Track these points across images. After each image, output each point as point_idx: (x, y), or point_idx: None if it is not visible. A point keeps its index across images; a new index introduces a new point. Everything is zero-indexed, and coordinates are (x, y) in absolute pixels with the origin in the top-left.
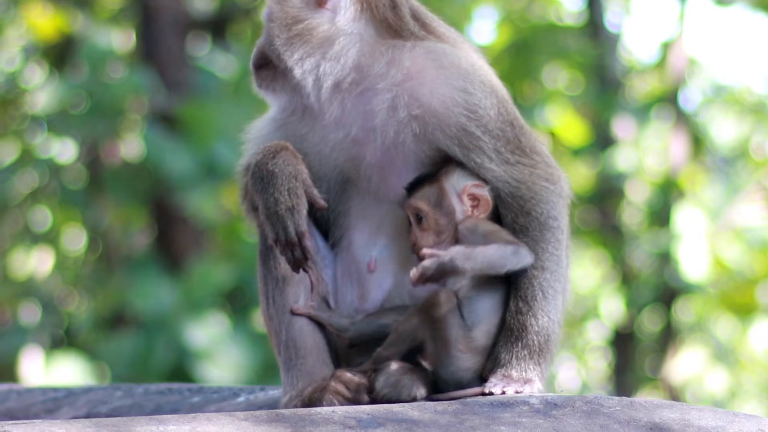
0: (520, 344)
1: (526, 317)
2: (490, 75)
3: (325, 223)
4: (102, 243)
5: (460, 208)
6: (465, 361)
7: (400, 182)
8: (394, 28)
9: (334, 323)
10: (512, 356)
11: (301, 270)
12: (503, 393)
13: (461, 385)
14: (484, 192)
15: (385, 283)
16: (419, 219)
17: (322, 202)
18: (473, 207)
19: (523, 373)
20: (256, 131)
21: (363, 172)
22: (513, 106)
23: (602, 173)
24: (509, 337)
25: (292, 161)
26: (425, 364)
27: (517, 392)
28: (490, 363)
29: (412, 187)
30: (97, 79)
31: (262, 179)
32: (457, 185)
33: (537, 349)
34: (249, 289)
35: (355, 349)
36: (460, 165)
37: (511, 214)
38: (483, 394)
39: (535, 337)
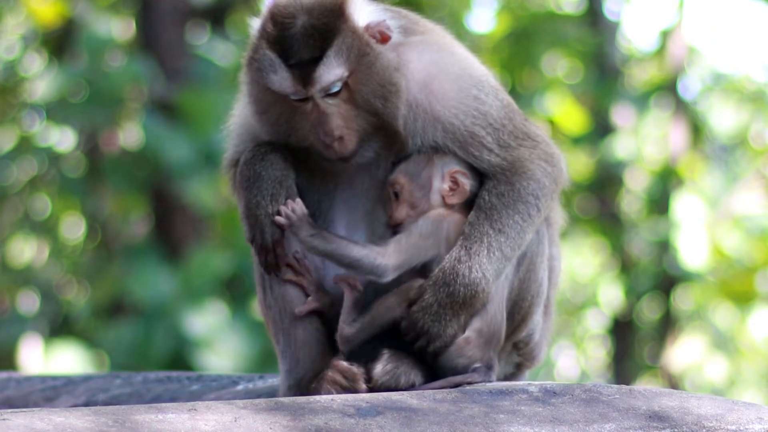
0: (446, 291)
1: (463, 266)
2: (488, 72)
3: (311, 214)
4: (101, 231)
5: (439, 185)
6: (460, 348)
7: (389, 175)
8: (408, 30)
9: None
10: (435, 301)
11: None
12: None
13: (458, 371)
14: (467, 182)
15: None
16: (396, 194)
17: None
18: (451, 189)
19: (439, 325)
20: (240, 122)
21: (358, 172)
22: (510, 97)
23: (601, 161)
24: (438, 279)
25: (281, 165)
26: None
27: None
28: (417, 301)
29: (400, 161)
30: (96, 67)
31: (248, 179)
32: (446, 166)
33: (460, 301)
34: (248, 278)
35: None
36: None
37: (495, 181)
38: (475, 381)
39: (462, 289)
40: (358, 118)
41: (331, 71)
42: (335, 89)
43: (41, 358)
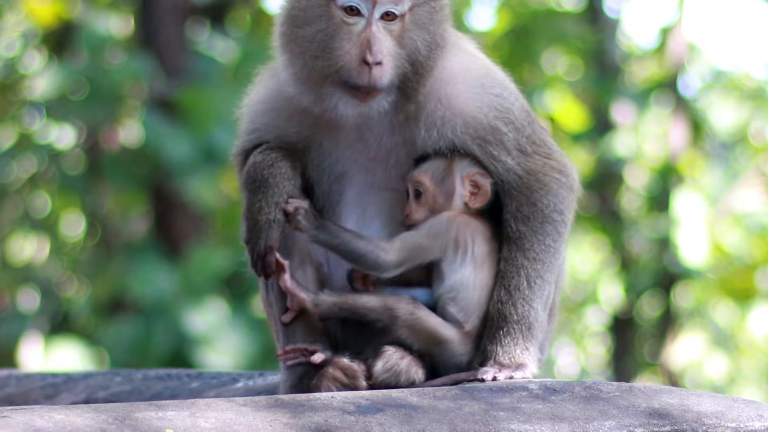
0: (501, 333)
1: (506, 306)
2: (509, 79)
3: (320, 211)
4: (101, 228)
5: (460, 191)
6: (460, 348)
7: (401, 172)
8: None
9: (307, 296)
10: (496, 345)
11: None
12: (494, 379)
13: (460, 369)
14: (487, 182)
15: None
16: (418, 193)
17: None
18: (472, 194)
19: (513, 359)
20: (258, 104)
21: (368, 168)
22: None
23: (601, 159)
24: (491, 327)
25: (289, 174)
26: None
27: (509, 378)
28: (479, 356)
29: (420, 161)
30: (96, 64)
31: (254, 181)
32: (464, 170)
33: (520, 336)
34: (248, 275)
35: (353, 336)
36: (471, 155)
37: (516, 203)
38: (476, 380)
39: (515, 326)
40: (398, 59)
41: None
42: (396, 9)
43: (41, 355)
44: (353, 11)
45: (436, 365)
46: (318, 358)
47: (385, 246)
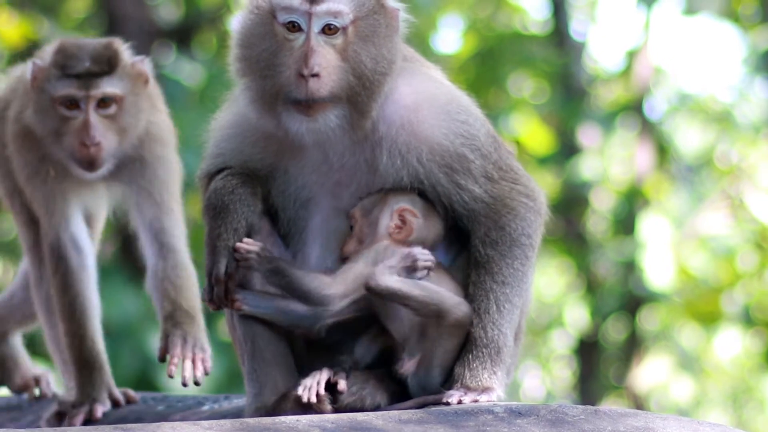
0: (470, 356)
1: (476, 330)
2: (474, 104)
3: (284, 236)
4: None
5: (386, 222)
6: (445, 370)
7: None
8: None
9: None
10: (464, 368)
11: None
12: (460, 402)
13: (427, 392)
14: (414, 221)
15: None
16: (351, 227)
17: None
18: (397, 227)
19: (480, 382)
20: (224, 128)
21: (334, 192)
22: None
23: (567, 182)
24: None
25: (249, 201)
26: (402, 370)
27: (474, 401)
28: (448, 380)
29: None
30: None
31: (215, 208)
32: (397, 204)
33: (489, 360)
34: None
35: (317, 359)
36: (418, 191)
37: (484, 228)
38: (442, 403)
39: (484, 350)
40: (341, 72)
41: (341, 1)
42: (336, 23)
43: None
44: (294, 27)
45: (411, 389)
46: None
47: (328, 281)
